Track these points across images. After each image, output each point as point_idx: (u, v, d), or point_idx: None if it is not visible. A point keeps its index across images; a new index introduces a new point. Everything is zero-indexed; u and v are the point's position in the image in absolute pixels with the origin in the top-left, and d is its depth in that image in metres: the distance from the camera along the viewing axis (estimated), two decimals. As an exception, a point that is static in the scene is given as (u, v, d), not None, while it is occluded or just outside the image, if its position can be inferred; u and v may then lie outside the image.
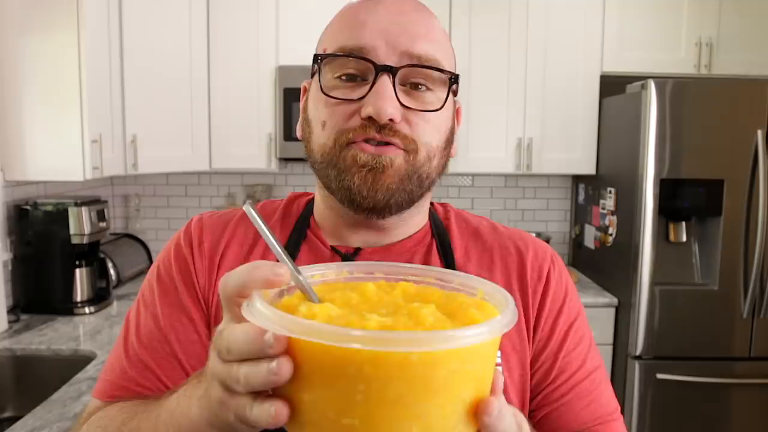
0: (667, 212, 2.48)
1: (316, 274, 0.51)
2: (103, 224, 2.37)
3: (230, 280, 0.44)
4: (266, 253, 0.73)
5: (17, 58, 2.10)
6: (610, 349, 2.66)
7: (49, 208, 2.22)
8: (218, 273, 0.73)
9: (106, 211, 2.41)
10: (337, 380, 0.39)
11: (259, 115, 2.81)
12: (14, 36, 2.09)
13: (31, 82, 2.11)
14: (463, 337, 0.39)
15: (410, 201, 0.69)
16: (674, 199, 2.46)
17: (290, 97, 2.74)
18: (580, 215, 3.19)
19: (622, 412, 2.67)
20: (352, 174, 0.65)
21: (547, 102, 2.88)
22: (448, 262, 0.74)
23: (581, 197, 3.16)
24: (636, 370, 2.50)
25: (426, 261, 0.74)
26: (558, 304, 0.75)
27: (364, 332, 0.38)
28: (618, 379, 2.62)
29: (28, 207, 2.21)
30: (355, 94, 0.65)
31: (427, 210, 0.78)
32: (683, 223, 2.53)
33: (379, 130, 0.63)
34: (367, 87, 0.64)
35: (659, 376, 2.47)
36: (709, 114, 2.42)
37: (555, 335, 0.73)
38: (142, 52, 2.51)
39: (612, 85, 2.84)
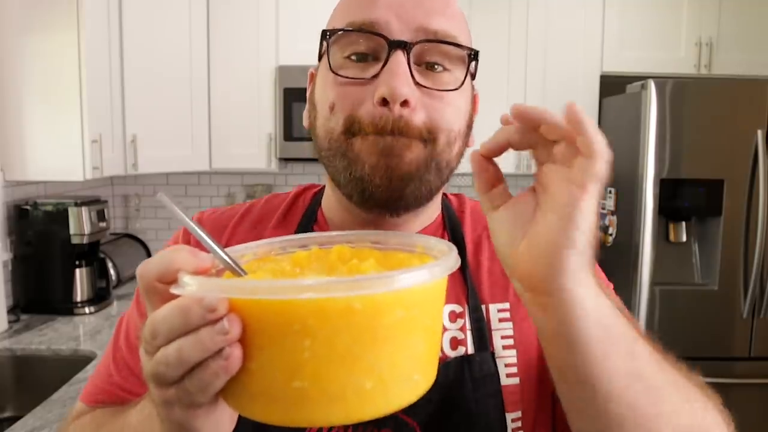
0: (667, 212, 2.48)
1: (247, 253, 0.50)
2: (103, 224, 2.36)
3: (149, 266, 0.41)
4: None
5: (17, 58, 2.10)
6: (610, 349, 2.66)
7: (49, 208, 2.22)
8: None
9: (106, 211, 2.41)
10: (283, 339, 0.37)
11: (259, 115, 2.81)
12: (14, 36, 2.09)
13: (31, 82, 2.11)
14: (404, 278, 0.37)
15: (429, 194, 0.62)
16: (674, 199, 2.46)
17: (290, 97, 2.74)
18: (580, 215, 3.18)
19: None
20: (362, 162, 0.58)
21: (547, 102, 2.87)
22: (460, 254, 0.70)
23: (581, 197, 3.16)
24: (636, 370, 2.49)
25: None
26: None
27: (305, 281, 0.36)
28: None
29: (28, 207, 2.21)
30: (367, 73, 0.59)
31: (440, 201, 0.73)
32: (683, 223, 2.53)
33: (393, 125, 0.57)
34: (380, 65, 0.58)
35: (659, 376, 2.47)
36: (709, 114, 2.41)
37: None
38: (142, 51, 2.51)
39: (612, 85, 2.84)
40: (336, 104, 0.59)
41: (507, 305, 0.67)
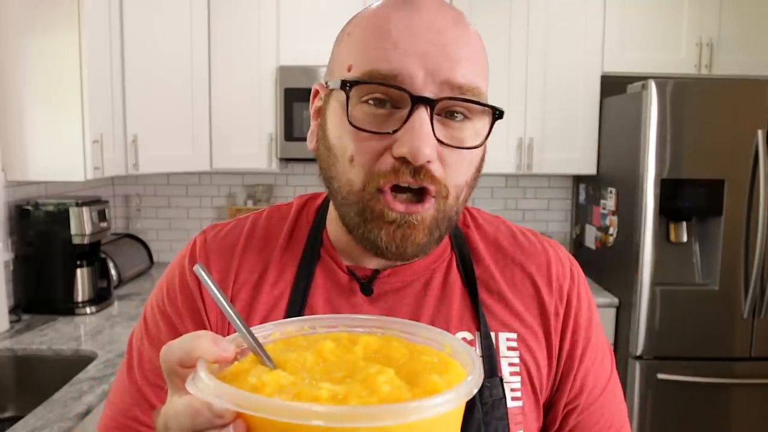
0: (667, 212, 2.48)
1: (275, 332, 0.49)
2: (104, 224, 2.37)
3: (172, 351, 0.42)
4: (277, 281, 0.68)
5: (18, 58, 2.10)
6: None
7: (50, 208, 2.22)
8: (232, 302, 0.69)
9: (107, 211, 2.41)
10: None
11: (260, 115, 2.81)
12: (15, 36, 2.09)
13: (32, 82, 2.11)
14: (419, 409, 0.37)
15: (438, 242, 0.64)
16: (675, 199, 2.46)
17: (291, 97, 2.75)
18: (580, 215, 3.19)
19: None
20: (379, 228, 0.59)
21: (548, 102, 2.88)
22: (469, 278, 0.69)
23: (582, 197, 3.16)
24: (637, 370, 2.50)
25: (446, 279, 0.69)
26: (583, 318, 0.72)
27: (316, 407, 0.36)
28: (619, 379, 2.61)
29: (30, 207, 2.22)
30: (387, 126, 0.57)
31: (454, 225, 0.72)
32: (684, 223, 2.53)
33: (413, 174, 0.57)
34: (400, 118, 0.56)
35: (660, 376, 2.47)
36: (710, 114, 2.42)
37: (577, 351, 0.71)
38: (143, 51, 2.51)
39: (612, 85, 2.84)
40: (356, 158, 0.58)
41: (515, 335, 0.69)
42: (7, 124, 2.13)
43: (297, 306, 0.67)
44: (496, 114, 0.61)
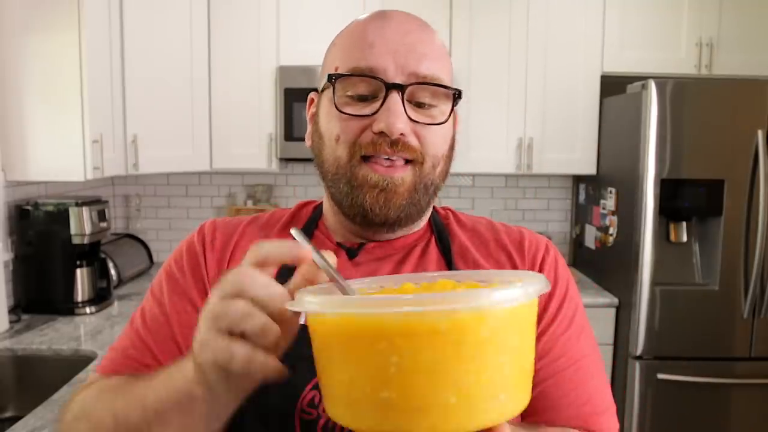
0: (667, 212, 2.48)
1: (358, 286, 0.53)
2: (103, 224, 2.37)
3: (262, 246, 0.50)
4: None
5: (18, 58, 2.10)
6: (610, 349, 2.66)
7: (50, 208, 2.22)
8: (228, 265, 0.76)
9: (106, 211, 2.41)
10: (371, 357, 0.40)
11: (260, 115, 2.81)
12: (15, 36, 2.09)
13: (32, 82, 2.11)
14: (493, 297, 0.40)
15: (419, 212, 0.74)
16: (675, 199, 2.46)
17: (291, 98, 2.75)
18: (580, 215, 3.19)
19: (623, 412, 2.66)
20: (364, 192, 0.69)
21: (548, 102, 2.88)
22: (445, 253, 0.77)
23: (582, 197, 3.16)
24: (636, 370, 2.49)
25: (424, 252, 0.78)
26: (558, 289, 0.76)
27: (404, 296, 0.40)
28: (618, 379, 2.62)
29: (29, 207, 2.22)
30: (367, 110, 0.69)
31: (429, 213, 0.81)
32: (684, 223, 2.53)
33: (390, 145, 0.68)
34: (378, 104, 0.68)
35: (660, 376, 2.47)
36: (710, 114, 2.41)
37: (544, 318, 0.74)
38: (143, 52, 2.51)
39: (612, 85, 2.84)
40: (341, 136, 0.70)
41: None
42: (6, 124, 2.13)
43: (286, 267, 0.72)
44: (456, 95, 0.72)
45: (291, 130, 2.76)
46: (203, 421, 0.54)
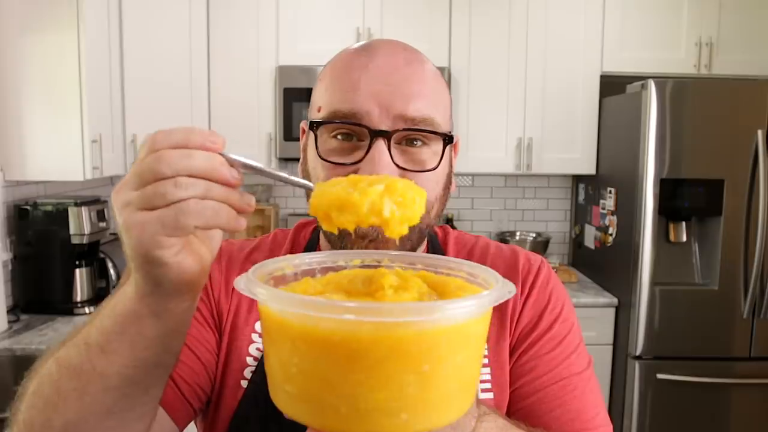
0: (667, 212, 2.48)
1: (318, 258, 0.54)
2: (102, 224, 2.36)
3: (171, 132, 0.47)
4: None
5: (17, 58, 2.10)
6: (610, 349, 2.66)
7: (49, 208, 2.21)
8: (234, 293, 0.75)
9: (105, 211, 2.41)
10: (280, 352, 0.42)
11: (259, 115, 2.81)
12: (14, 36, 2.09)
13: (31, 82, 2.11)
14: (441, 309, 0.40)
15: (414, 249, 0.71)
16: (674, 199, 2.45)
17: (290, 97, 2.74)
18: (580, 215, 3.19)
19: (623, 412, 2.65)
20: (352, 243, 0.66)
21: (547, 102, 2.88)
22: None
23: (581, 197, 3.16)
24: (636, 370, 2.49)
25: None
26: (541, 306, 0.75)
27: (348, 303, 0.39)
28: (618, 379, 2.61)
29: (28, 207, 2.21)
30: (351, 158, 0.65)
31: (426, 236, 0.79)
32: (683, 223, 2.53)
33: None
34: (363, 150, 0.64)
35: (659, 376, 2.47)
36: (709, 114, 2.41)
37: (531, 336, 0.73)
38: (142, 52, 2.51)
39: (612, 85, 2.84)
40: None
41: (485, 351, 0.71)
42: (6, 123, 2.12)
43: None
44: (446, 139, 0.68)
45: (290, 129, 2.76)
46: (152, 348, 0.50)
